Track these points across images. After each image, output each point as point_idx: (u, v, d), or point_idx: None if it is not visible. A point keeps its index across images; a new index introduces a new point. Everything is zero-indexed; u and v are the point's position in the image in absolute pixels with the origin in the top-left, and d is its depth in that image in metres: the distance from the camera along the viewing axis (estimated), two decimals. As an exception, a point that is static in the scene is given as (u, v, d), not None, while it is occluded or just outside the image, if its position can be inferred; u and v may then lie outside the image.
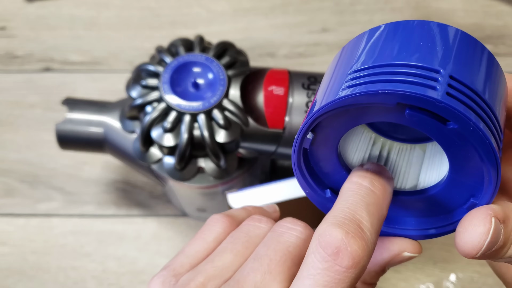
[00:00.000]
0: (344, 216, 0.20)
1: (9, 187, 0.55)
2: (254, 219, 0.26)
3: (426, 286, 0.50)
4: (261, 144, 0.42)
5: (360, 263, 0.20)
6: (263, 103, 0.41)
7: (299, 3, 0.66)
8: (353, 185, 0.22)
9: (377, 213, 0.21)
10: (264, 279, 0.22)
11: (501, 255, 0.21)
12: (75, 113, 0.44)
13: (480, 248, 0.20)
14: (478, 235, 0.20)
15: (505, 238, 0.21)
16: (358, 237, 0.20)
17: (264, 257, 0.22)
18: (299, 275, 0.20)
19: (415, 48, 0.21)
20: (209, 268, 0.23)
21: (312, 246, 0.20)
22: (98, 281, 0.50)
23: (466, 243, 0.20)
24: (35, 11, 0.66)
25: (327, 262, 0.20)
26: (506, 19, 0.64)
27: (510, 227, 0.21)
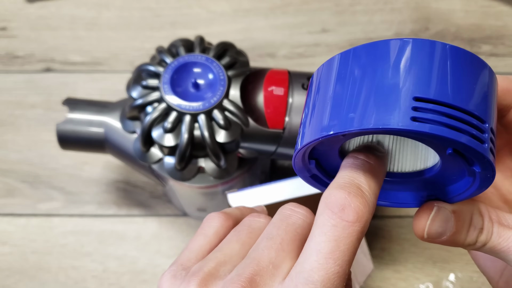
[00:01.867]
0: (344, 181, 0.23)
1: (10, 187, 0.55)
2: (254, 215, 0.28)
3: (426, 286, 0.50)
4: (261, 144, 0.42)
5: (364, 218, 0.22)
6: (263, 103, 0.41)
7: (299, 4, 0.66)
8: (350, 159, 0.24)
9: (374, 179, 0.24)
10: (278, 255, 0.24)
11: (462, 241, 0.25)
12: (76, 113, 0.45)
13: (423, 230, 0.25)
14: (420, 221, 0.25)
15: (457, 226, 0.25)
16: (359, 195, 0.22)
17: (276, 237, 0.24)
18: (311, 235, 0.23)
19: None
20: (219, 256, 0.25)
21: (320, 208, 0.23)
22: (99, 281, 0.50)
23: (414, 226, 0.25)
24: (36, 11, 0.66)
25: (334, 219, 0.22)
26: (506, 19, 0.64)
27: (463, 216, 0.25)
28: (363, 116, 0.21)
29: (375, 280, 0.50)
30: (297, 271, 0.23)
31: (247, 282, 0.23)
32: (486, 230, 0.25)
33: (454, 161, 0.23)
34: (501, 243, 0.25)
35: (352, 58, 0.22)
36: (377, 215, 0.53)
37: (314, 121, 0.23)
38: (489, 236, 0.25)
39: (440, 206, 0.25)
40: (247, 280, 0.23)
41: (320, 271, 0.22)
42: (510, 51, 0.62)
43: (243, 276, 0.23)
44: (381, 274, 0.50)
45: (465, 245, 0.25)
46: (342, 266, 0.22)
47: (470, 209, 0.25)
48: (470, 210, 0.25)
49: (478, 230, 0.25)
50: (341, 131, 0.21)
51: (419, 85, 0.20)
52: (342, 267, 0.22)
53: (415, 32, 0.63)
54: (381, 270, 0.51)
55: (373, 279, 0.50)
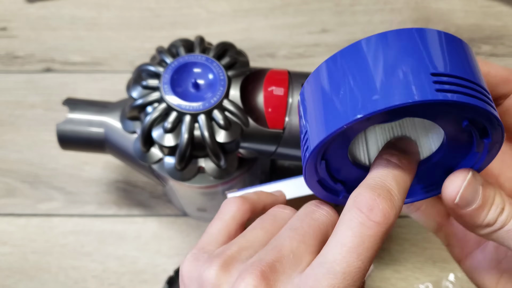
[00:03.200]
0: (375, 183, 0.24)
1: (10, 187, 0.55)
2: (279, 206, 0.28)
3: (426, 286, 0.50)
4: (261, 144, 0.42)
5: (390, 220, 0.23)
6: (263, 104, 0.41)
7: (299, 4, 0.66)
8: (382, 161, 0.25)
9: (403, 184, 0.24)
10: (299, 246, 0.24)
11: (483, 218, 0.25)
12: (76, 113, 0.45)
13: (456, 193, 0.25)
14: (456, 182, 0.25)
15: (484, 199, 0.25)
16: (388, 199, 0.23)
17: (299, 228, 0.25)
18: (336, 230, 0.23)
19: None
20: (242, 241, 0.26)
21: (347, 206, 0.23)
22: (99, 280, 0.50)
23: (446, 189, 0.25)
24: (36, 11, 0.66)
25: (362, 217, 0.22)
26: (505, 19, 0.64)
27: (488, 192, 0.25)
28: (387, 95, 0.21)
29: (375, 280, 0.50)
30: (319, 262, 0.23)
31: (267, 267, 0.23)
32: (507, 211, 0.25)
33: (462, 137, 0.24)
34: None
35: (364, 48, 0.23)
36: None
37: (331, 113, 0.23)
38: (509, 218, 0.25)
39: (474, 173, 0.25)
40: (268, 265, 0.24)
41: (342, 263, 0.22)
42: (510, 51, 0.62)
43: (264, 261, 0.24)
44: (381, 274, 0.50)
45: (484, 223, 0.25)
46: (364, 262, 0.22)
47: (494, 188, 0.26)
48: (494, 189, 0.26)
49: (500, 209, 0.25)
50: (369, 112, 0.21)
51: (433, 63, 0.22)
52: (364, 263, 0.22)
53: (415, 32, 0.63)
54: (381, 270, 0.51)
55: (373, 279, 0.50)
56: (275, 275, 0.23)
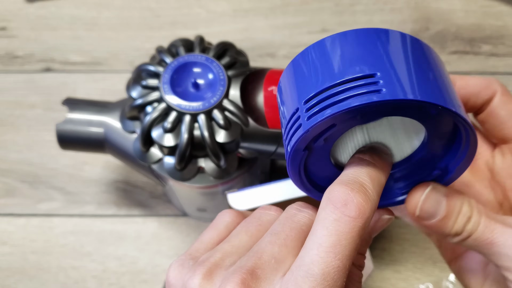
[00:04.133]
0: (348, 179, 0.23)
1: (10, 187, 0.55)
2: (264, 208, 0.28)
3: (426, 286, 0.50)
4: (261, 144, 0.42)
5: (366, 214, 0.22)
6: (263, 103, 0.41)
7: (299, 4, 0.66)
8: (355, 160, 0.25)
9: (377, 179, 0.24)
10: (281, 251, 0.24)
11: (450, 227, 0.26)
12: (76, 113, 0.45)
13: (414, 207, 0.26)
14: (415, 197, 0.26)
15: (448, 210, 0.26)
16: (362, 192, 0.23)
17: (281, 233, 0.25)
18: (313, 230, 0.23)
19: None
20: (226, 246, 0.26)
21: (322, 203, 0.23)
22: (99, 280, 0.50)
23: (406, 203, 0.26)
24: (36, 11, 0.66)
25: (337, 214, 0.22)
26: (506, 19, 0.64)
27: (454, 202, 0.26)
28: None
29: (375, 280, 0.50)
30: (297, 265, 0.23)
31: (248, 274, 0.23)
32: (474, 219, 0.26)
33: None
34: (486, 233, 0.25)
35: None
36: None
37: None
38: (475, 226, 0.26)
39: (434, 186, 0.26)
40: (248, 272, 0.23)
41: (320, 264, 0.22)
42: (510, 51, 0.62)
43: (244, 268, 0.23)
44: (381, 274, 0.50)
45: (452, 233, 0.26)
46: (342, 261, 0.22)
47: (461, 198, 0.26)
48: (461, 199, 0.26)
49: (466, 218, 0.26)
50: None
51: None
52: (342, 261, 0.22)
53: (415, 32, 0.63)
54: (381, 270, 0.51)
55: (373, 279, 0.50)
56: (256, 282, 0.23)
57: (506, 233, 0.25)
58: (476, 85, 0.29)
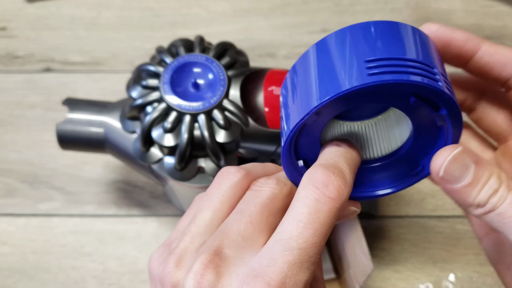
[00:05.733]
0: (328, 163, 0.25)
1: (10, 187, 0.55)
2: (223, 172, 0.28)
3: (426, 286, 0.50)
4: (261, 144, 0.42)
5: (343, 196, 0.24)
6: (263, 103, 0.41)
7: (299, 4, 0.66)
8: (333, 146, 0.26)
9: (352, 165, 0.25)
10: (247, 228, 0.25)
11: (473, 197, 0.24)
12: (76, 113, 0.45)
13: (439, 166, 0.24)
14: (441, 156, 0.24)
15: (475, 177, 0.24)
16: (341, 176, 0.24)
17: (245, 210, 0.25)
18: (292, 207, 0.24)
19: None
20: (192, 228, 0.26)
21: (303, 183, 0.24)
22: (99, 281, 0.50)
23: (432, 162, 0.25)
24: (36, 11, 0.66)
25: (318, 194, 0.23)
26: (506, 19, 0.64)
27: (482, 171, 0.24)
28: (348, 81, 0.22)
29: (375, 280, 0.50)
30: (275, 240, 0.23)
31: (215, 255, 0.24)
32: (501, 193, 0.24)
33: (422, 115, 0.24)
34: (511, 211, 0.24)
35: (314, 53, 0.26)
36: (377, 215, 0.53)
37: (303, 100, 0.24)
38: (501, 201, 0.24)
39: (465, 149, 0.25)
40: (215, 252, 0.24)
41: (299, 239, 0.23)
42: (510, 51, 0.62)
43: (211, 249, 0.24)
44: (381, 274, 0.50)
45: (474, 204, 0.24)
46: (319, 238, 0.23)
47: (491, 168, 0.25)
48: (491, 169, 0.25)
49: (492, 190, 0.24)
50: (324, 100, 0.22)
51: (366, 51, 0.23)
52: (319, 238, 0.23)
53: (415, 32, 0.63)
54: (381, 270, 0.51)
55: (373, 279, 0.50)
56: (225, 261, 0.24)
57: None
58: (506, 55, 0.28)
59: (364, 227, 0.44)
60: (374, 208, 0.52)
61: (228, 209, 0.27)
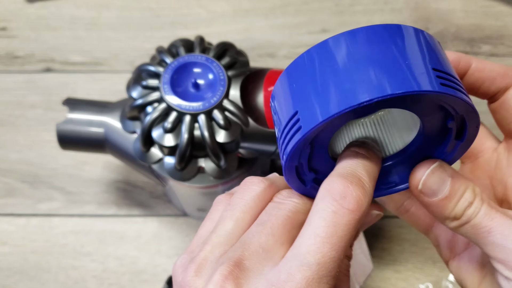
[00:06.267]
0: (346, 172, 0.24)
1: (10, 187, 0.55)
2: (246, 183, 0.27)
3: (426, 286, 0.50)
4: (261, 144, 0.42)
5: (363, 207, 0.23)
6: (263, 103, 0.41)
7: (299, 4, 0.66)
8: (351, 153, 0.25)
9: (372, 173, 0.25)
10: (268, 240, 0.24)
11: (450, 209, 0.25)
12: (76, 113, 0.45)
13: (418, 180, 0.25)
14: (420, 170, 0.25)
15: (451, 191, 0.25)
16: (360, 186, 0.23)
17: (267, 222, 0.25)
18: (309, 220, 0.23)
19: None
20: (214, 237, 0.26)
21: (320, 194, 0.23)
22: (99, 280, 0.50)
23: (411, 176, 0.25)
24: (36, 11, 0.66)
25: (335, 206, 0.23)
26: (506, 19, 0.64)
27: (458, 184, 0.25)
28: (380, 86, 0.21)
29: (375, 280, 0.50)
30: (293, 254, 0.23)
31: (235, 266, 0.23)
32: (475, 205, 0.25)
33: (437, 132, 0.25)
34: (486, 221, 0.25)
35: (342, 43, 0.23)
36: (377, 215, 0.53)
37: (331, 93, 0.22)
38: (476, 212, 0.25)
39: (441, 164, 0.25)
40: (236, 264, 0.23)
41: (316, 254, 0.22)
42: (510, 51, 0.62)
43: (232, 260, 0.24)
44: (381, 274, 0.50)
45: (451, 216, 0.25)
46: (338, 252, 0.22)
47: (466, 182, 0.26)
48: (466, 183, 0.26)
49: (468, 203, 0.25)
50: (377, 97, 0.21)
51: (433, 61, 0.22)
52: (338, 252, 0.22)
53: (415, 32, 0.63)
54: (381, 270, 0.51)
55: (373, 279, 0.50)
56: (244, 273, 0.23)
57: (505, 223, 0.25)
58: (493, 70, 0.28)
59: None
60: (374, 208, 0.52)
61: (250, 219, 0.26)
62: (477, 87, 0.29)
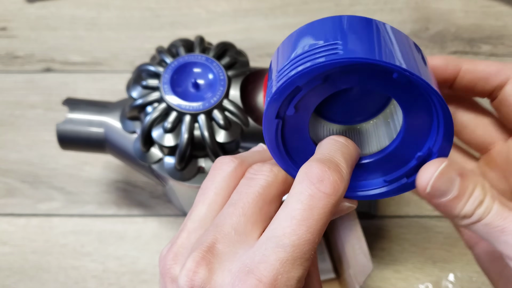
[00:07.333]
0: (325, 157, 0.24)
1: (10, 187, 0.55)
2: (216, 163, 0.27)
3: (425, 286, 0.50)
4: (261, 144, 0.42)
5: (339, 192, 0.23)
6: (263, 103, 0.41)
7: (299, 4, 0.66)
8: (330, 140, 0.26)
9: (350, 160, 0.25)
10: (240, 221, 0.24)
11: (459, 209, 0.24)
12: (76, 113, 0.45)
13: (426, 183, 0.24)
14: (428, 172, 0.24)
15: (461, 190, 0.24)
16: (337, 171, 0.24)
17: (238, 202, 0.25)
18: (286, 202, 0.23)
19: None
20: (188, 224, 0.26)
21: (298, 177, 0.24)
22: (99, 280, 0.50)
23: (418, 178, 0.25)
24: (36, 11, 0.66)
25: (312, 189, 0.23)
26: (505, 19, 0.64)
27: (467, 183, 0.24)
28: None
29: (375, 280, 0.50)
30: (268, 236, 0.23)
31: (207, 251, 0.23)
32: (486, 204, 0.24)
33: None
34: (498, 220, 0.24)
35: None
36: (377, 215, 0.53)
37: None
38: (487, 212, 0.24)
39: (450, 163, 0.25)
40: (208, 249, 0.24)
41: (292, 236, 0.22)
42: (510, 51, 0.62)
43: (204, 245, 0.24)
44: (381, 274, 0.50)
45: (460, 215, 0.25)
46: (313, 234, 0.23)
47: (474, 179, 0.25)
48: (475, 181, 0.25)
49: (478, 202, 0.24)
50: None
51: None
52: (313, 235, 0.23)
53: (414, 32, 0.63)
54: (381, 270, 0.51)
55: (373, 279, 0.50)
56: (217, 257, 0.23)
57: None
58: (485, 70, 0.28)
59: (364, 227, 0.44)
60: (374, 208, 0.52)
61: (222, 200, 0.26)
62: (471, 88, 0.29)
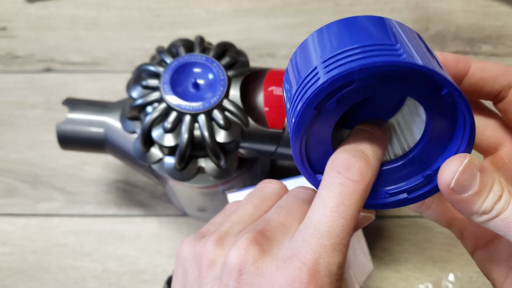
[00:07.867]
0: (350, 147, 0.25)
1: (10, 187, 0.55)
2: (265, 182, 0.30)
3: (425, 286, 0.50)
4: (261, 144, 0.42)
5: (367, 178, 0.24)
6: (263, 103, 0.41)
7: (299, 4, 0.66)
8: (356, 131, 0.27)
9: (377, 144, 0.26)
10: (287, 219, 0.26)
11: (479, 205, 0.24)
12: (76, 113, 0.45)
13: (451, 178, 0.24)
14: (451, 167, 0.24)
15: (481, 185, 0.24)
16: (363, 158, 0.24)
17: (285, 206, 0.27)
18: (318, 194, 0.25)
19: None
20: (233, 217, 0.28)
21: (326, 170, 0.25)
22: (99, 280, 0.50)
23: (441, 174, 0.24)
24: (36, 11, 0.66)
25: (340, 178, 0.24)
26: (506, 19, 0.64)
27: (486, 178, 0.25)
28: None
29: (375, 280, 0.50)
30: (305, 224, 0.24)
31: (259, 233, 0.25)
32: (505, 198, 0.25)
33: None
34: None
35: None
36: (377, 215, 0.53)
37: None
38: (505, 206, 0.24)
39: (471, 158, 0.25)
40: (259, 232, 0.25)
41: (326, 223, 0.24)
42: (510, 51, 0.62)
43: (255, 230, 0.25)
44: (381, 274, 0.50)
45: (480, 211, 0.25)
46: (347, 220, 0.24)
47: (493, 174, 0.25)
48: (493, 176, 0.25)
49: (497, 196, 0.24)
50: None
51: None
52: (347, 220, 0.24)
53: (415, 32, 0.63)
54: (381, 270, 0.51)
55: (373, 279, 0.50)
56: (267, 241, 0.25)
57: None
58: (494, 69, 0.28)
59: (364, 227, 0.44)
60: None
61: (267, 208, 0.28)
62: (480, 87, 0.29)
